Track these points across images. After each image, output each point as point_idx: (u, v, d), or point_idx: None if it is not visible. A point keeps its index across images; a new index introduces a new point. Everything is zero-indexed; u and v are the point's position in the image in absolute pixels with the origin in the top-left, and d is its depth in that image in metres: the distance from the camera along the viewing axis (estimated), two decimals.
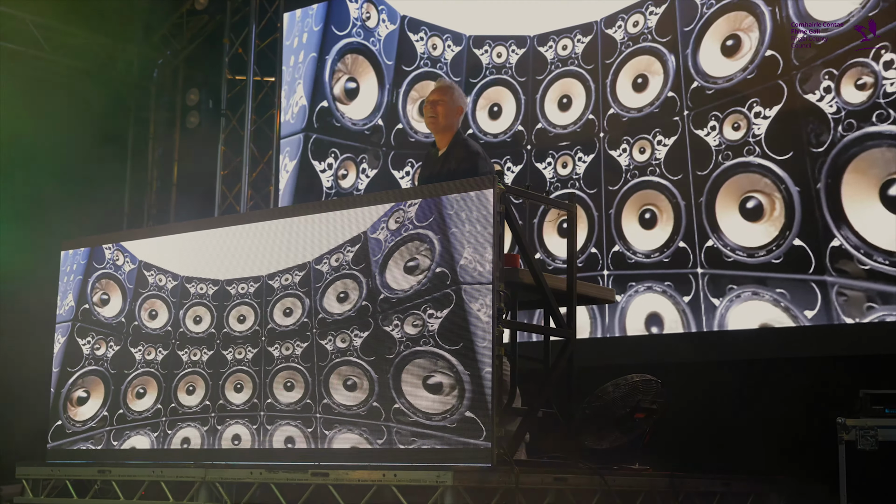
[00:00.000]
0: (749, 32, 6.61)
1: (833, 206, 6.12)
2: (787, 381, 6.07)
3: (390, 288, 4.70)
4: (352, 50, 8.51)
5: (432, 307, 4.54)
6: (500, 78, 7.71)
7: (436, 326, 4.51)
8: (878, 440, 4.95)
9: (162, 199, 9.90)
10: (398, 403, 4.58)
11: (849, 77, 6.14)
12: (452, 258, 4.52)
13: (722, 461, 5.81)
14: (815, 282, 6.15)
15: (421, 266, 4.61)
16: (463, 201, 4.53)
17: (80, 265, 5.95)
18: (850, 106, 6.12)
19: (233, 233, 5.37)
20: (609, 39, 7.24)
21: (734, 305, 6.48)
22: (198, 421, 5.31)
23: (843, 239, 6.06)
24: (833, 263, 6.09)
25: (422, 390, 4.53)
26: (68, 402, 5.85)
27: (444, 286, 4.53)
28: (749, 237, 6.46)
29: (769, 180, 6.40)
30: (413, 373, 4.57)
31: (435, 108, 5.32)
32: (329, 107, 8.56)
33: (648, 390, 5.16)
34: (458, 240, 4.51)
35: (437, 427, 4.45)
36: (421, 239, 4.63)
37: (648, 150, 6.95)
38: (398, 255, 4.70)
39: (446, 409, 4.44)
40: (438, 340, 4.50)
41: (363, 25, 8.47)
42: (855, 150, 6.09)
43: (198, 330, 5.40)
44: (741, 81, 6.58)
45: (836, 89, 6.17)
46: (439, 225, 4.59)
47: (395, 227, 4.73)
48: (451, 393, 4.43)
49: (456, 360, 4.44)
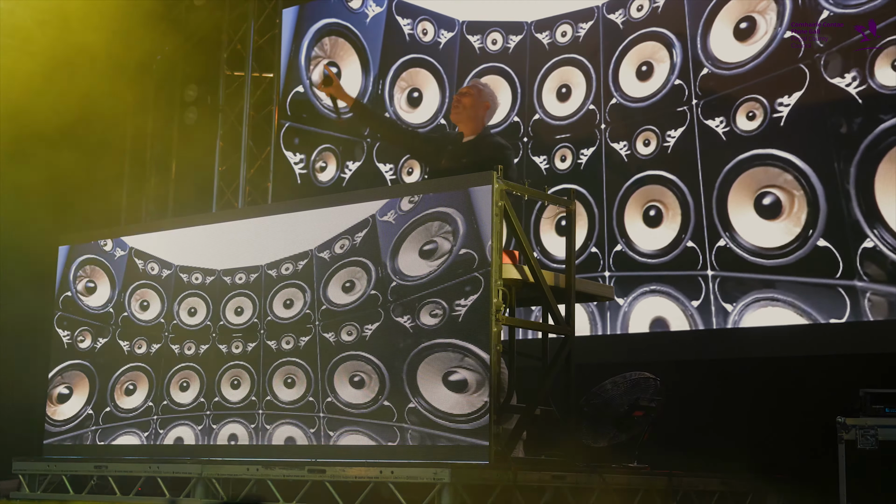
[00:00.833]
0: (765, 14, 6.23)
1: (866, 203, 5.70)
2: (786, 380, 6.03)
3: (403, 274, 4.46)
4: (331, 31, 8.13)
5: (456, 294, 4.26)
6: (495, 66, 7.42)
7: (462, 315, 4.25)
8: (878, 439, 4.93)
9: (160, 194, 9.89)
10: (413, 402, 4.37)
11: (885, 57, 5.69)
12: (481, 239, 4.24)
13: (720, 460, 5.78)
14: (844, 287, 5.77)
15: (440, 249, 4.35)
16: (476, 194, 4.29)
17: (62, 250, 5.69)
18: (885, 89, 5.69)
19: (231, 225, 5.22)
20: (611, 25, 6.94)
21: (749, 312, 6.11)
22: (192, 419, 5.17)
23: (878, 239, 5.66)
24: (865, 268, 5.70)
25: (442, 388, 4.28)
26: (48, 399, 5.62)
27: (470, 270, 4.25)
28: (766, 237, 6.09)
29: (789, 174, 6.02)
30: (432, 368, 4.32)
31: (461, 100, 5.33)
32: (305, 93, 8.26)
33: (647, 388, 5.15)
34: (486, 221, 4.24)
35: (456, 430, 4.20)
36: (442, 218, 4.35)
37: (654, 142, 6.65)
38: (413, 238, 4.45)
39: (475, 410, 4.17)
40: (465, 332, 4.20)
41: (345, 6, 8.10)
42: (892, 140, 5.66)
43: (192, 322, 5.26)
44: (757, 67, 6.20)
45: (868, 72, 5.73)
46: (464, 205, 4.31)
47: (410, 208, 4.48)
48: (479, 391, 4.17)
49: (486, 354, 4.15)
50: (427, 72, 7.78)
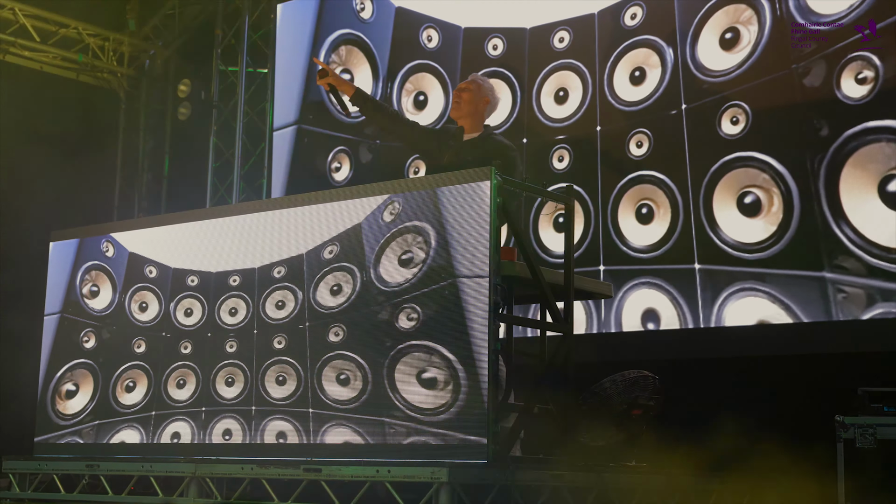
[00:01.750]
0: (748, 25, 6.56)
1: (832, 202, 6.07)
2: (784, 379, 6.03)
3: (384, 281, 4.65)
4: (346, 41, 8.44)
5: (427, 300, 4.48)
6: (495, 71, 7.63)
7: (431, 320, 4.45)
8: (877, 438, 4.91)
9: (153, 191, 9.85)
10: (392, 398, 4.54)
11: (849, 71, 6.10)
12: (449, 251, 4.47)
13: (718, 459, 5.75)
14: (814, 278, 6.11)
15: (416, 259, 4.56)
16: (460, 193, 4.47)
17: (70, 256, 5.87)
18: (850, 100, 6.08)
19: (225, 224, 5.32)
20: (606, 32, 7.18)
21: (731, 302, 6.44)
22: (188, 415, 5.25)
23: (843, 235, 6.01)
24: (832, 260, 6.04)
25: (416, 385, 4.48)
26: (57, 395, 5.78)
27: (439, 279, 4.48)
28: (747, 233, 6.42)
29: (768, 175, 6.36)
30: (407, 367, 4.52)
31: (460, 95, 5.36)
32: (321, 99, 8.49)
33: (646, 387, 5.11)
34: (454, 232, 4.46)
35: (431, 423, 4.40)
36: (416, 231, 4.58)
37: (646, 144, 6.90)
38: (393, 248, 4.65)
39: (440, 405, 4.40)
40: (433, 334, 4.44)
41: (357, 16, 8.40)
42: (854, 145, 6.04)
43: (189, 322, 5.35)
44: (740, 75, 6.53)
45: (837, 83, 6.12)
46: (435, 216, 4.53)
47: (391, 219, 4.69)
48: (446, 388, 4.39)
49: (451, 355, 4.39)
50: (432, 76, 8.02)
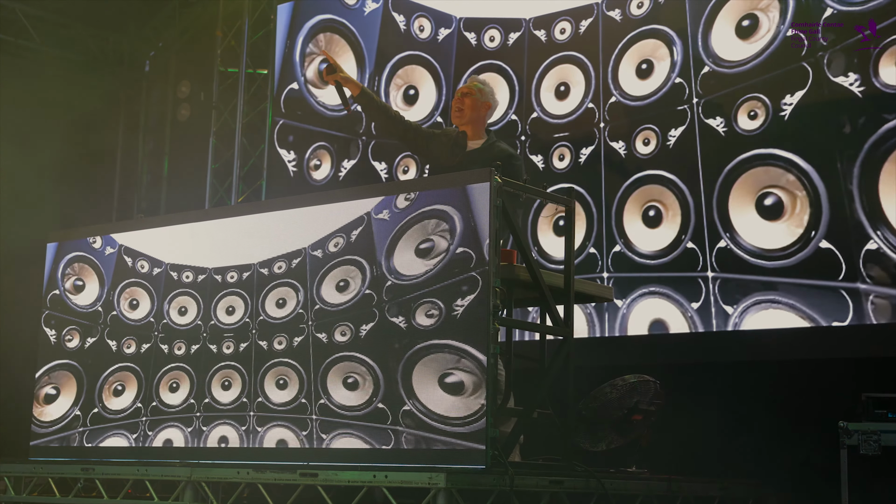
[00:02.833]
0: (768, 11, 6.16)
1: (869, 204, 5.63)
2: (787, 384, 5.96)
3: (399, 274, 4.36)
4: (326, 27, 8.06)
5: (454, 294, 4.18)
6: (493, 64, 7.33)
7: (459, 316, 4.15)
8: (881, 445, 4.86)
9: (152, 192, 9.82)
10: (408, 405, 4.28)
11: (889, 55, 5.62)
12: (478, 238, 4.17)
13: (720, 465, 5.71)
14: (846, 289, 5.69)
15: (437, 248, 4.27)
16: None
17: (51, 247, 5.60)
18: (888, 88, 5.62)
19: (223, 222, 5.13)
20: (611, 22, 6.86)
21: (750, 314, 6.01)
22: (181, 421, 5.06)
23: (881, 241, 5.59)
24: (868, 270, 5.64)
25: (438, 390, 4.20)
26: (35, 400, 5.51)
27: (467, 269, 4.17)
28: (767, 238, 6.01)
29: (791, 175, 5.94)
30: (427, 370, 4.24)
31: (462, 101, 5.32)
32: (300, 89, 8.21)
33: (646, 392, 5.07)
34: (483, 222, 4.18)
35: (458, 434, 4.12)
36: (440, 216, 4.27)
37: (654, 141, 6.57)
38: (409, 236, 4.37)
39: (472, 413, 4.10)
40: (460, 333, 4.13)
41: (340, 1, 8.01)
42: (894, 141, 5.60)
43: (183, 322, 5.16)
44: (759, 65, 6.13)
45: (872, 70, 5.67)
46: (462, 203, 4.22)
47: (406, 206, 4.39)
48: (476, 393, 4.10)
49: (482, 356, 4.08)
50: (424, 69, 7.72)
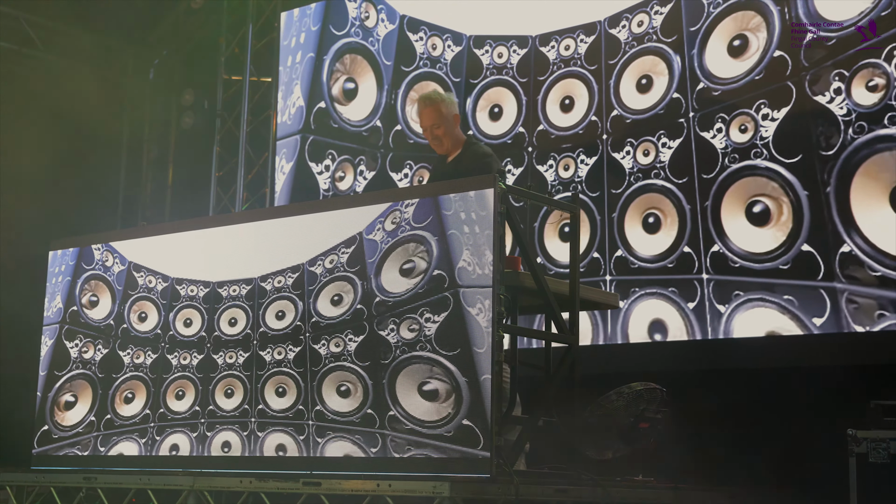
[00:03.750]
0: (757, 32, 6.49)
1: (842, 211, 6.00)
2: (795, 391, 5.94)
3: (386, 291, 4.59)
4: (350, 50, 8.40)
5: (429, 311, 4.42)
6: (500, 79, 7.61)
7: (433, 331, 4.39)
8: (891, 453, 4.82)
9: (156, 200, 9.80)
10: (393, 410, 4.48)
11: (860, 78, 6.02)
12: (451, 260, 4.40)
13: (728, 473, 5.67)
14: (824, 288, 6.03)
15: (417, 268, 4.50)
16: (462, 201, 4.41)
17: (69, 266, 5.84)
18: (860, 108, 6.01)
19: (225, 234, 5.28)
20: (613, 39, 7.13)
21: (740, 312, 6.36)
22: (187, 427, 5.20)
23: (853, 245, 5.93)
24: (843, 270, 5.97)
25: (417, 397, 4.42)
26: (55, 406, 5.74)
27: (441, 289, 4.41)
28: (756, 242, 6.34)
29: (777, 184, 6.28)
30: (408, 379, 4.46)
31: (436, 133, 5.31)
32: (327, 108, 8.44)
33: (653, 399, 5.02)
34: (456, 241, 4.40)
35: (433, 436, 4.33)
36: (418, 240, 4.52)
37: (653, 152, 6.84)
38: (394, 257, 4.60)
39: (442, 417, 4.32)
40: (435, 345, 4.38)
41: (362, 25, 8.36)
42: (865, 154, 5.96)
43: (188, 333, 5.30)
44: (748, 83, 6.46)
45: (847, 91, 6.05)
46: (437, 226, 4.47)
47: (392, 228, 4.63)
48: (448, 400, 4.32)
49: (453, 366, 4.32)
50: (437, 85, 7.97)
